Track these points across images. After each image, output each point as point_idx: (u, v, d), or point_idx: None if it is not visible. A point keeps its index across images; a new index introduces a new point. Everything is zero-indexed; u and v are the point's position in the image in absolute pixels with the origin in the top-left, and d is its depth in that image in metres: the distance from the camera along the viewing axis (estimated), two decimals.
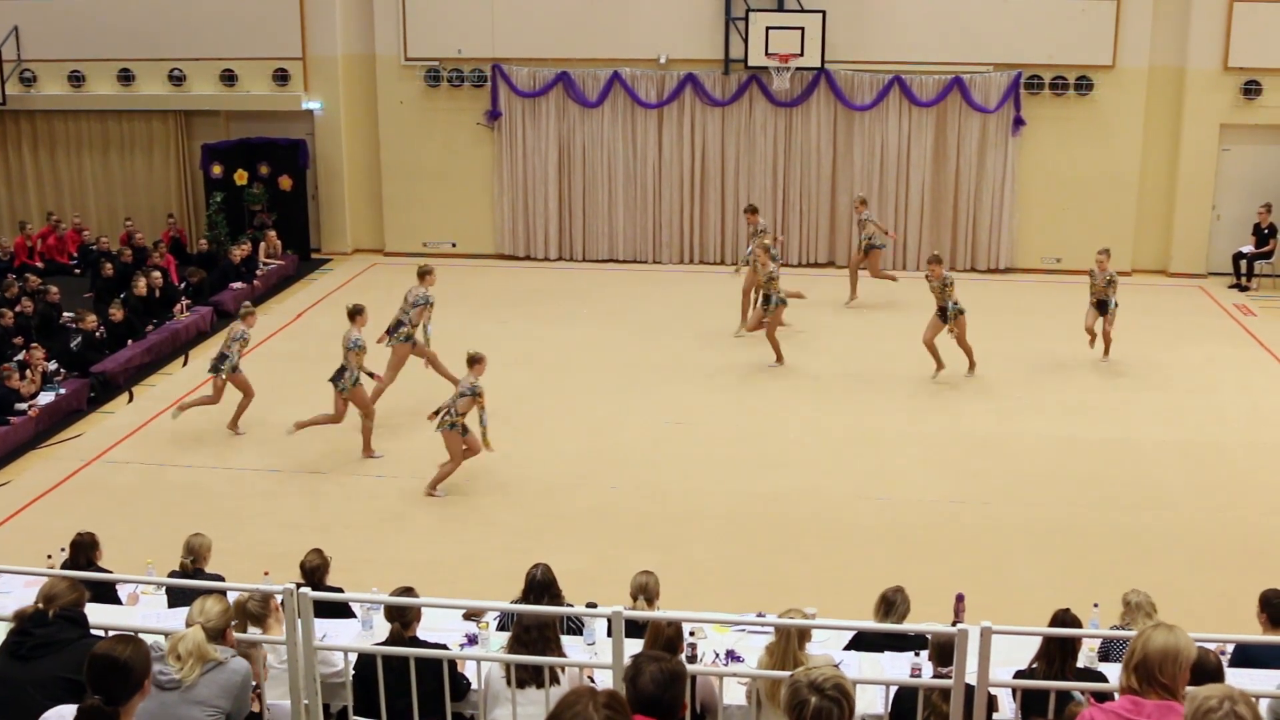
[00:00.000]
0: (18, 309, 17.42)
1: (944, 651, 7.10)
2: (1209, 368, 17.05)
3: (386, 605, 7.73)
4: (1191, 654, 5.13)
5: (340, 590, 9.02)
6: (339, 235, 23.55)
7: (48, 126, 23.60)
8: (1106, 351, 16.85)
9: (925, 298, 16.42)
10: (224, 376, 14.38)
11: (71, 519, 11.75)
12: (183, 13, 22.44)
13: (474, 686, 7.52)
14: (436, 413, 12.77)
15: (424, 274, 15.03)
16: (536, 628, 7.06)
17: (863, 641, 8.37)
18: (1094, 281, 16.60)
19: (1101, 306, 16.57)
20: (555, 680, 6.96)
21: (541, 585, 8.52)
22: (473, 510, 12.84)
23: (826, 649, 8.13)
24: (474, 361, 12.57)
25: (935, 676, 7.17)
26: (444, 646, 7.66)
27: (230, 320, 19.16)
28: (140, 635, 5.52)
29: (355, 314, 13.81)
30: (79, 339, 16.63)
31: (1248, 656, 7.94)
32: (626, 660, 5.92)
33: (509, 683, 6.91)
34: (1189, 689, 4.63)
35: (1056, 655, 7.21)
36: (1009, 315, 17.77)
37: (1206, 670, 6.37)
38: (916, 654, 7.87)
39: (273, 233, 21.91)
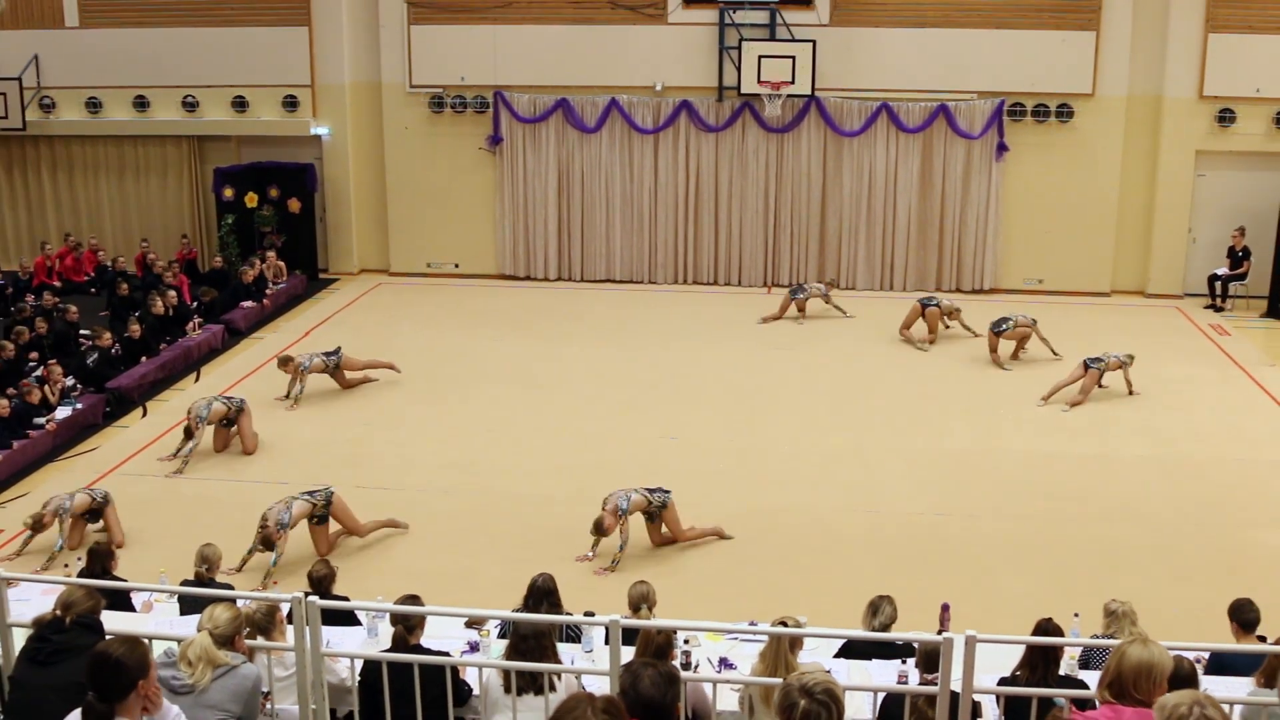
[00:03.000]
0: (34, 331, 17.72)
1: (930, 659, 7.23)
2: (1185, 386, 17.18)
3: (392, 613, 7.84)
4: (1167, 668, 5.23)
5: (346, 599, 9.14)
6: (346, 256, 23.92)
7: (66, 151, 23.98)
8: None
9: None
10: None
11: (88, 530, 12.15)
12: (196, 42, 22.86)
13: (475, 692, 7.65)
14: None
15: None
16: (533, 636, 7.12)
17: (852, 650, 8.48)
18: None
19: None
20: (552, 687, 7.02)
21: (542, 591, 8.79)
22: (474, 522, 12.96)
23: (817, 657, 8.22)
24: None
25: (922, 684, 7.27)
26: (446, 654, 7.74)
27: (240, 338, 19.80)
28: (154, 641, 5.68)
29: None
30: (95, 356, 16.84)
31: (1222, 664, 8.12)
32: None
33: (506, 689, 7.04)
34: (1160, 697, 4.71)
35: (1039, 663, 7.34)
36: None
37: (1180, 677, 6.47)
38: (904, 662, 7.96)
39: (272, 254, 22.23)
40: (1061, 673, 7.52)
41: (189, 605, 9.08)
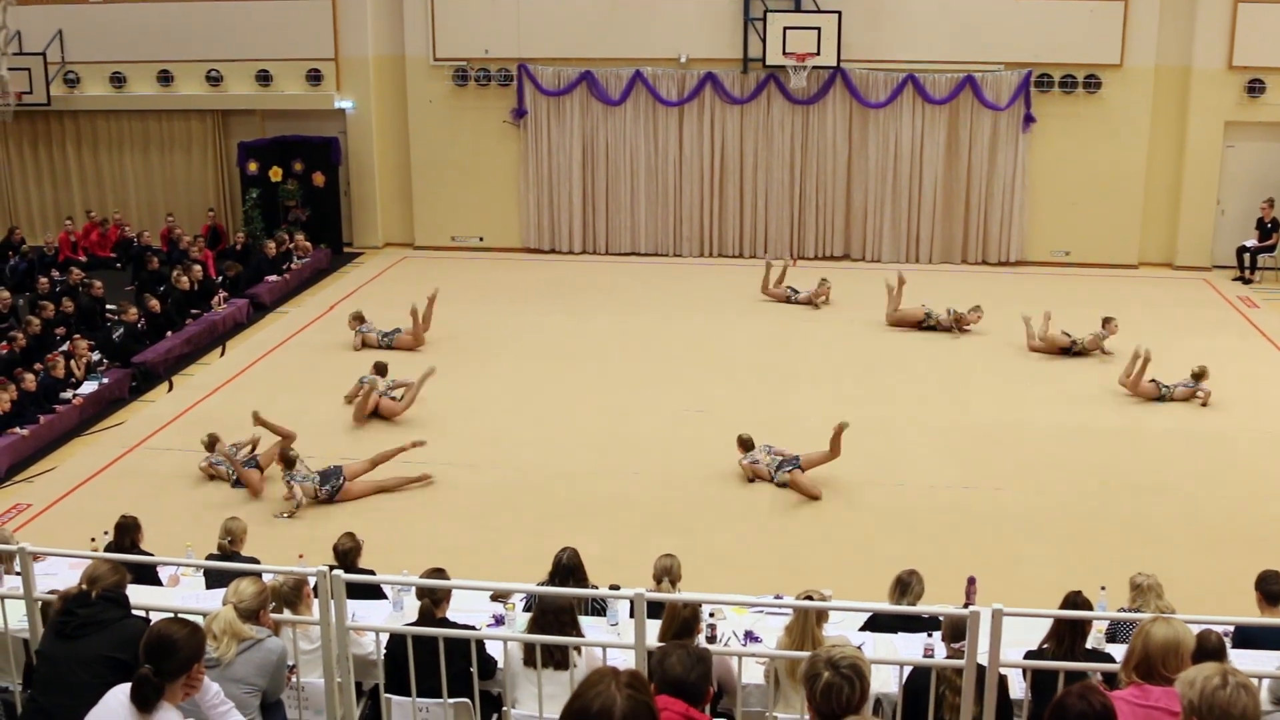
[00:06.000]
0: (60, 307, 17.83)
1: (956, 632, 7.10)
2: (1213, 358, 16.86)
3: (418, 586, 7.84)
4: (1191, 644, 5.24)
5: (372, 573, 9.18)
6: (370, 230, 24.01)
7: (90, 126, 24.13)
8: None
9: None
10: None
11: (114, 503, 12.06)
12: (219, 16, 22.95)
13: (500, 665, 7.62)
14: None
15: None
16: (554, 612, 7.20)
17: (877, 623, 8.48)
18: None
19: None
20: (574, 662, 7.05)
21: (568, 569, 8.75)
22: (499, 496, 13.02)
23: (842, 630, 8.21)
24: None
25: (948, 657, 7.21)
26: (472, 627, 7.72)
27: (265, 313, 19.86)
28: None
29: None
30: (121, 330, 16.98)
31: (1247, 638, 8.01)
32: (650, 641, 6.13)
33: (527, 663, 7.10)
34: (1182, 672, 4.66)
35: (1067, 636, 7.30)
36: (1018, 306, 17.99)
37: (1207, 650, 6.44)
38: (929, 635, 7.95)
39: (301, 235, 22.31)
40: (1088, 646, 7.48)
41: (214, 579, 9.16)
